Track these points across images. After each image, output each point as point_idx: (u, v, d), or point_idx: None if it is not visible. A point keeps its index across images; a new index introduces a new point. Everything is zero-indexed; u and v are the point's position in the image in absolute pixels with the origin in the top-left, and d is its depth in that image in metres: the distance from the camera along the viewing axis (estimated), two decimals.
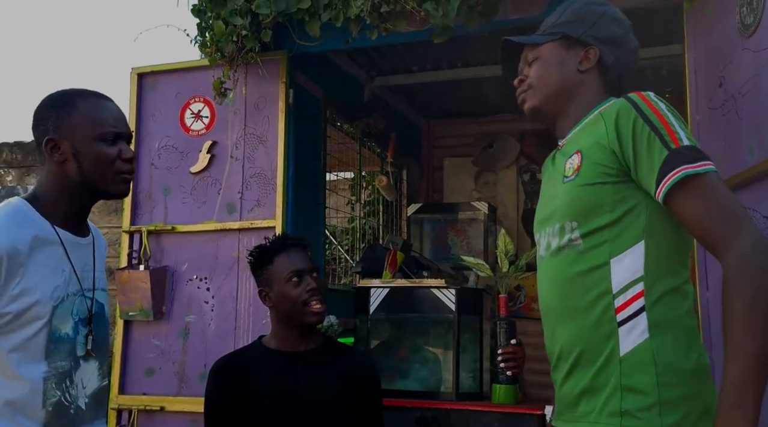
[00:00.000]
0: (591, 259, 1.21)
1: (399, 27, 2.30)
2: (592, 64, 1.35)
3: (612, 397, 1.17)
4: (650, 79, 3.62)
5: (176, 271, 2.80)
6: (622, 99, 1.25)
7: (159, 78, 2.96)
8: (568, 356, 1.25)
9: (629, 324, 1.18)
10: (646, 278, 1.19)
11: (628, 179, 1.21)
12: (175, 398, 2.70)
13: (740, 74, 1.95)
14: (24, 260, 1.32)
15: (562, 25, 1.38)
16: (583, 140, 1.29)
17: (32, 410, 1.32)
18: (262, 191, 2.73)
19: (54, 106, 1.43)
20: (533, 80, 1.37)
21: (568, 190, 1.26)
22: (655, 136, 1.17)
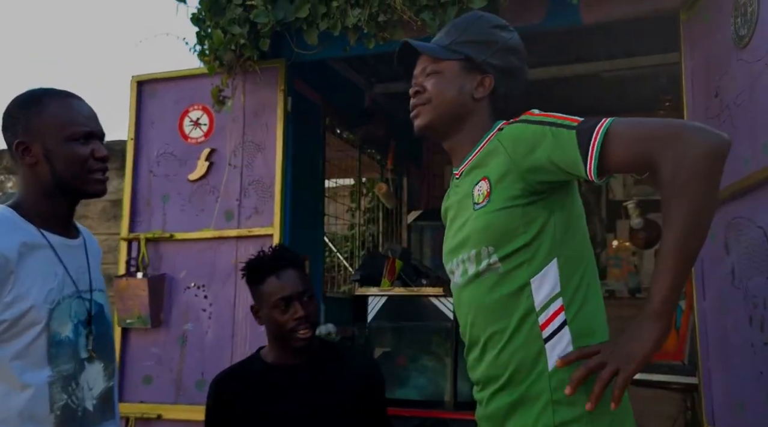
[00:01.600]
0: (512, 281, 1.24)
1: (396, 36, 2.30)
2: (486, 92, 1.36)
3: (544, 411, 1.19)
4: (649, 87, 3.63)
5: (174, 278, 2.80)
6: (514, 123, 1.29)
7: (158, 86, 2.97)
8: (498, 377, 1.25)
9: (554, 339, 1.21)
10: (564, 293, 1.23)
11: (535, 200, 1.24)
12: (172, 406, 2.70)
13: (735, 85, 1.95)
14: (13, 267, 1.30)
15: (467, 44, 1.36)
16: (488, 167, 1.30)
17: (41, 416, 1.31)
18: (260, 199, 2.74)
19: (23, 107, 1.41)
20: (431, 95, 1.36)
21: (481, 216, 1.27)
22: (557, 127, 1.20)
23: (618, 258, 4.25)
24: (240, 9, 2.37)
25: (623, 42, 3.26)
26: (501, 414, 1.25)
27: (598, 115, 1.20)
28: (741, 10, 1.94)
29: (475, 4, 2.11)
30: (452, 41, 1.36)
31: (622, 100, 3.97)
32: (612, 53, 3.42)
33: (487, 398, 1.28)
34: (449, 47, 1.36)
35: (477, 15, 1.43)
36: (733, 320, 1.95)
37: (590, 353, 1.17)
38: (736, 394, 1.95)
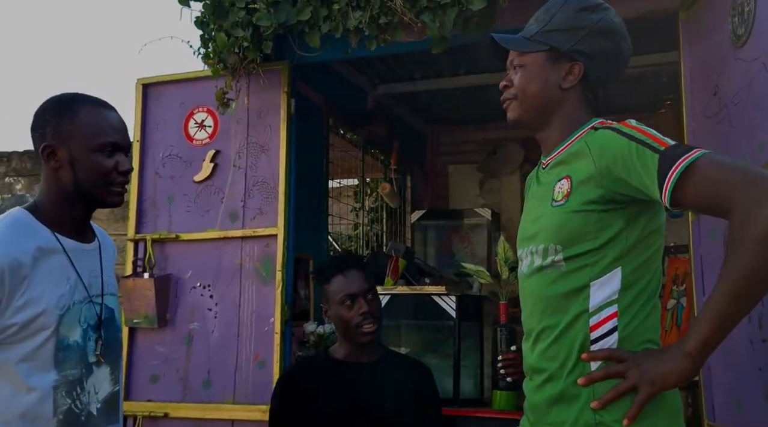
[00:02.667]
0: (572, 281, 1.27)
1: (397, 38, 2.33)
2: (575, 80, 1.34)
3: (585, 409, 1.23)
4: (650, 85, 3.63)
5: (180, 279, 2.84)
6: (603, 129, 1.28)
7: (163, 88, 3.00)
8: (544, 369, 1.30)
9: (601, 342, 1.25)
10: (621, 301, 1.25)
11: (612, 208, 1.25)
12: (179, 404, 2.73)
13: (733, 84, 1.97)
14: (27, 271, 1.33)
15: (552, 33, 1.34)
16: (572, 167, 1.31)
17: (43, 419, 1.33)
18: (264, 199, 2.77)
19: (55, 111, 1.42)
20: (517, 90, 1.37)
21: (556, 214, 1.30)
22: (642, 146, 1.20)
23: None
24: (243, 12, 2.41)
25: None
26: (544, 405, 1.29)
27: (688, 145, 1.22)
28: (738, 10, 1.96)
29: (474, 5, 2.13)
30: (539, 31, 1.35)
31: (623, 99, 3.97)
32: None
33: (535, 388, 1.32)
34: (534, 38, 1.35)
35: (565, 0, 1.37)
36: None
37: (618, 358, 1.20)
38: (735, 390, 1.97)
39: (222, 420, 2.66)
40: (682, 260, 2.89)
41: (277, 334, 2.64)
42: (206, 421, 2.69)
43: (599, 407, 1.20)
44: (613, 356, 1.21)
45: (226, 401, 2.68)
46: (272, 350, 2.64)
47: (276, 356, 2.62)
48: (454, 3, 2.17)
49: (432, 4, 2.18)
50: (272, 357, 2.63)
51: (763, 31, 1.80)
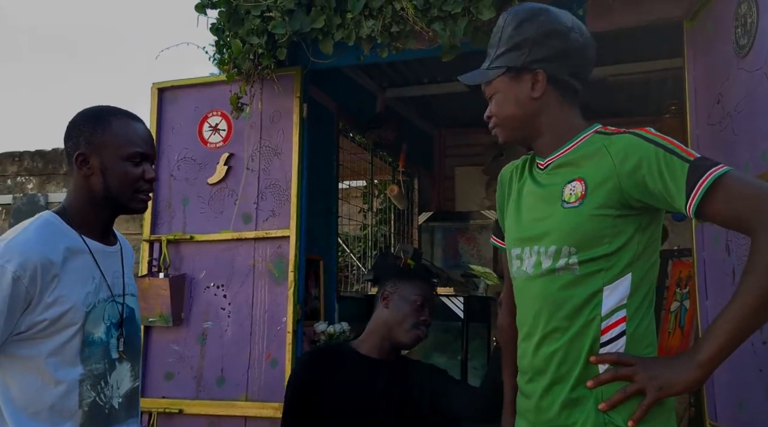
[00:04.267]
0: (586, 285, 1.28)
1: (409, 45, 2.39)
2: (543, 86, 1.36)
3: (594, 410, 1.26)
4: (656, 90, 3.69)
5: (194, 278, 2.90)
6: (627, 134, 1.30)
7: (178, 92, 3.07)
8: (550, 371, 1.31)
9: (610, 346, 1.28)
10: (629, 305, 1.29)
11: (627, 214, 1.28)
12: (193, 401, 2.80)
13: (736, 92, 2.02)
14: (58, 270, 1.40)
15: (503, 55, 1.38)
16: (585, 169, 1.32)
17: (70, 411, 1.41)
18: (276, 202, 2.83)
19: (89, 121, 1.51)
20: (497, 117, 1.41)
21: (570, 216, 1.30)
22: (671, 154, 1.23)
23: None
24: (258, 20, 2.47)
25: (630, 47, 3.33)
26: (554, 409, 1.30)
27: (710, 160, 1.23)
28: (741, 21, 2.01)
29: (484, 15, 2.19)
30: (493, 57, 1.40)
31: (629, 104, 4.03)
32: (619, 58, 3.49)
33: (541, 392, 1.33)
34: (492, 65, 1.39)
35: (504, 20, 1.41)
36: None
37: (627, 362, 1.24)
38: (736, 391, 2.02)
39: (235, 417, 2.73)
40: (685, 263, 2.94)
41: (289, 333, 2.70)
42: (220, 418, 2.75)
43: (607, 408, 1.23)
44: (621, 360, 1.24)
45: (239, 398, 2.74)
46: (284, 349, 2.70)
47: (288, 355, 2.69)
48: (464, 13, 2.23)
49: (443, 13, 2.24)
50: (284, 356, 2.70)
51: (765, 42, 1.85)
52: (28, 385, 1.38)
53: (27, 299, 1.36)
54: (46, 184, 6.45)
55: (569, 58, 1.37)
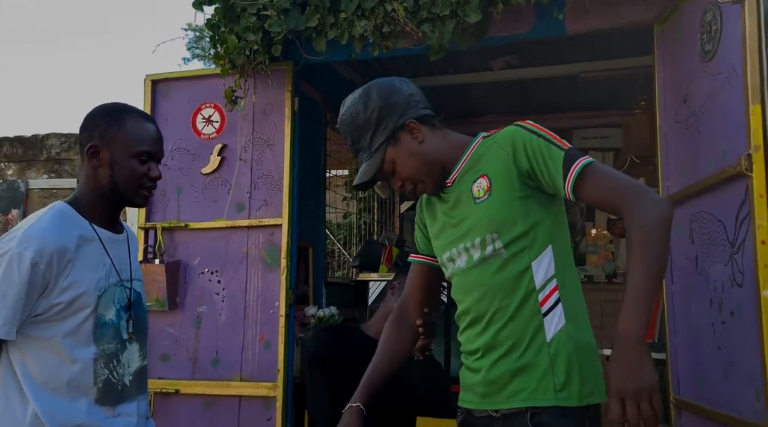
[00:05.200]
0: (516, 264, 1.43)
1: (399, 45, 2.53)
2: (420, 132, 1.52)
3: (545, 376, 1.40)
4: (627, 86, 3.87)
5: (189, 265, 3.01)
6: (510, 126, 1.49)
7: (172, 85, 3.16)
8: (499, 347, 1.44)
9: (550, 314, 1.42)
10: (558, 275, 1.44)
11: (530, 192, 1.45)
12: (189, 381, 2.92)
13: (700, 93, 2.19)
14: (72, 256, 1.50)
15: (375, 137, 1.52)
16: (485, 166, 1.48)
17: (85, 387, 1.52)
18: (269, 191, 2.95)
19: (104, 116, 1.60)
20: (410, 177, 1.54)
21: (484, 208, 1.46)
22: (548, 143, 1.42)
23: (596, 246, 4.52)
24: (254, 18, 2.57)
25: (602, 45, 3.50)
26: (505, 379, 1.43)
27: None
28: (707, 28, 2.18)
29: (471, 18, 2.33)
30: (368, 146, 1.53)
31: (601, 99, 4.21)
32: (592, 55, 3.66)
33: (489, 365, 1.46)
34: (372, 153, 1.53)
35: (346, 119, 1.55)
36: (696, 303, 2.20)
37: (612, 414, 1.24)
38: (698, 367, 2.21)
39: (230, 396, 2.86)
40: None
41: (282, 317, 2.83)
42: (215, 397, 2.88)
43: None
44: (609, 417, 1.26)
45: (234, 378, 2.87)
46: (277, 332, 2.83)
47: (281, 338, 2.82)
48: (452, 15, 2.36)
49: (432, 15, 2.37)
50: (277, 338, 2.83)
51: (727, 49, 2.02)
52: (46, 363, 1.49)
53: (43, 283, 1.46)
54: (26, 171, 6.43)
55: (413, 99, 1.54)
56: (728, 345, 1.97)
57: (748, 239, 1.85)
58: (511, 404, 1.42)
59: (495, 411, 1.45)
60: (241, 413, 2.83)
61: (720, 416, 1.96)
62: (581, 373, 1.40)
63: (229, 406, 2.85)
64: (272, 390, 2.79)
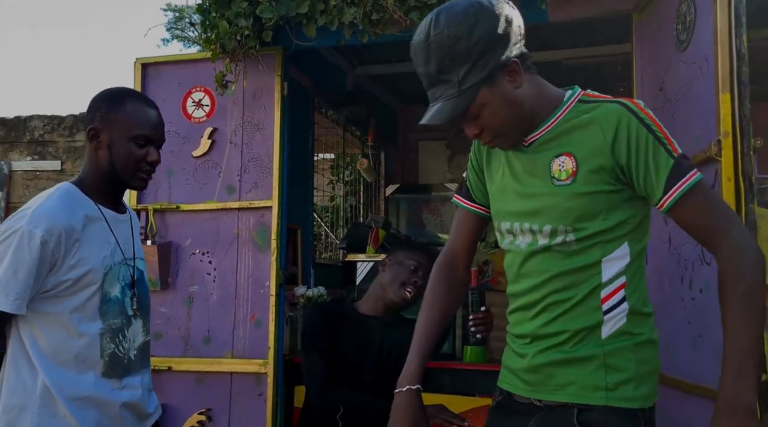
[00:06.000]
0: (585, 257, 1.29)
1: (387, 31, 2.60)
2: (521, 76, 1.31)
3: (597, 372, 1.28)
4: (606, 74, 3.98)
5: (180, 246, 3.08)
6: (617, 105, 1.27)
7: (162, 68, 3.20)
8: (551, 337, 1.32)
9: (612, 313, 1.30)
10: (627, 272, 1.31)
11: (621, 187, 1.27)
12: (181, 359, 3.00)
13: (675, 82, 2.29)
14: (79, 235, 1.57)
15: (471, 73, 1.26)
16: (574, 142, 1.29)
17: (92, 360, 1.59)
18: (259, 174, 3.01)
19: (106, 100, 1.67)
20: (495, 127, 1.33)
21: (562, 195, 1.29)
22: (659, 144, 1.23)
23: None
24: (246, 3, 2.63)
25: (583, 33, 3.59)
26: (552, 369, 1.32)
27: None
28: (682, 18, 2.27)
29: None
30: (460, 81, 1.27)
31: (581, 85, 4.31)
32: (573, 42, 3.76)
33: (536, 352, 1.34)
34: (462, 91, 1.27)
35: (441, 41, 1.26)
36: (669, 280, 2.31)
37: None
38: (668, 341, 2.32)
39: (221, 373, 2.94)
40: None
41: (273, 296, 2.92)
42: (207, 373, 2.96)
43: None
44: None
45: (225, 356, 2.96)
46: (268, 311, 2.91)
47: (271, 316, 2.91)
48: (439, 3, 2.43)
49: (419, 3, 2.45)
50: (268, 317, 2.91)
51: (701, 39, 2.11)
52: (55, 337, 1.56)
53: (52, 261, 1.53)
54: (9, 152, 6.42)
55: (516, 34, 1.30)
56: (697, 320, 2.09)
57: None
58: (557, 397, 1.32)
59: (538, 400, 1.35)
60: (233, 388, 2.92)
61: (688, 386, 2.08)
62: (638, 373, 1.29)
63: (221, 382, 2.93)
64: (263, 367, 2.88)
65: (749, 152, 1.88)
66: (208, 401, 2.94)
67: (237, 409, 2.91)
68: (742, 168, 1.86)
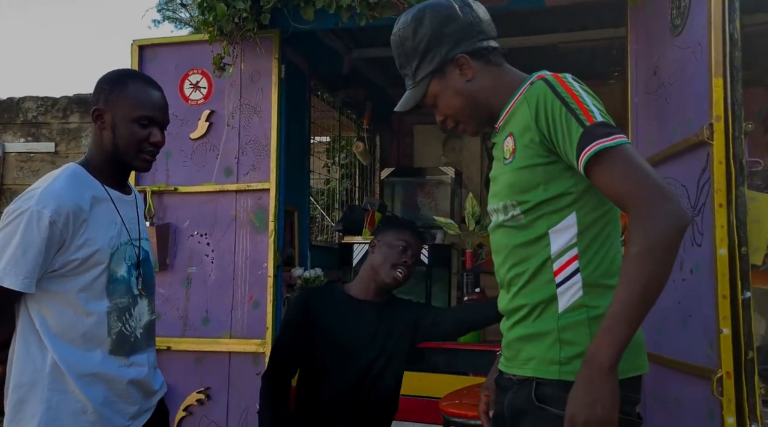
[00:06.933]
0: (532, 230, 1.35)
1: (385, 14, 2.61)
2: (471, 69, 1.40)
3: (552, 347, 1.32)
4: (601, 58, 4.01)
5: (178, 227, 3.10)
6: (540, 81, 1.33)
7: (158, 50, 3.20)
8: (516, 312, 1.40)
9: (565, 285, 1.32)
10: (579, 243, 1.33)
11: (555, 159, 1.32)
12: (180, 339, 3.04)
13: (669, 66, 2.32)
14: (86, 215, 1.59)
15: (420, 67, 1.41)
16: (513, 123, 1.38)
17: (100, 338, 1.62)
18: (257, 157, 3.03)
19: (110, 81, 1.68)
20: (452, 115, 1.45)
21: (507, 172, 1.38)
22: (570, 115, 1.27)
23: None
24: None
25: (579, 17, 3.61)
26: (519, 344, 1.39)
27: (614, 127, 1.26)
28: (676, 3, 2.29)
29: None
30: (413, 74, 1.44)
31: (577, 69, 4.32)
32: (569, 26, 3.78)
33: (508, 328, 1.43)
34: (417, 82, 1.43)
35: (397, 40, 1.45)
36: None
37: None
38: (657, 319, 2.36)
39: (220, 352, 2.99)
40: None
41: (270, 277, 2.95)
42: (205, 353, 3.00)
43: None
44: None
45: (224, 335, 3.00)
46: (266, 292, 2.95)
47: (269, 297, 2.94)
48: None
49: None
50: (265, 298, 2.95)
51: (695, 25, 2.14)
52: (63, 316, 1.58)
53: (60, 240, 1.55)
54: (2, 134, 6.38)
55: (471, 30, 1.40)
56: (687, 300, 2.14)
57: (707, 202, 1.98)
58: (522, 372, 1.37)
59: (513, 375, 1.41)
60: (231, 367, 2.97)
61: (677, 364, 2.14)
62: None
63: (220, 361, 2.98)
64: (261, 346, 2.92)
65: (741, 136, 1.92)
66: (206, 380, 2.99)
67: (235, 388, 2.95)
68: (733, 151, 1.90)
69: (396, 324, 2.22)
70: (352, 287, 2.27)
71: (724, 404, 1.81)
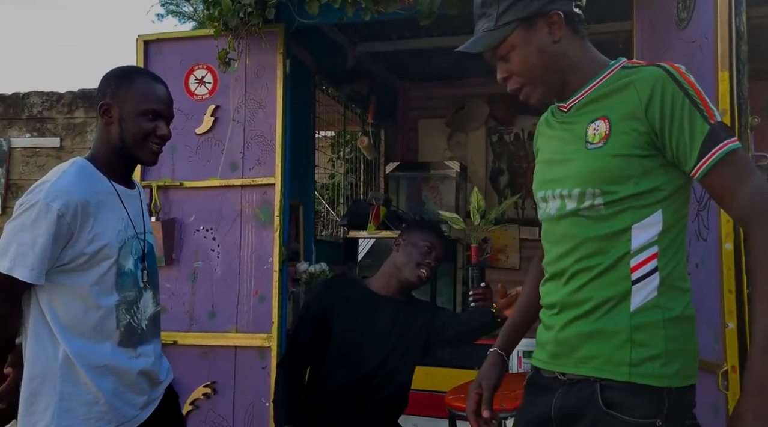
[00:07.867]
0: (614, 223, 1.26)
1: (389, 9, 2.61)
2: (561, 27, 1.30)
3: (622, 347, 1.24)
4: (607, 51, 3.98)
5: (184, 222, 3.11)
6: (656, 68, 1.24)
7: (164, 45, 3.21)
8: (577, 306, 1.29)
9: (642, 283, 1.25)
10: (660, 241, 1.25)
11: (654, 153, 1.23)
12: (186, 333, 3.05)
13: (675, 60, 2.27)
14: (94, 210, 1.61)
15: (510, 10, 1.30)
16: (610, 107, 1.26)
17: (109, 331, 1.65)
18: (262, 152, 3.04)
19: (116, 77, 1.71)
20: (522, 75, 1.33)
21: (594, 157, 1.26)
22: (695, 109, 1.18)
23: None
24: None
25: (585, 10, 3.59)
26: (577, 341, 1.29)
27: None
28: None
29: None
30: (498, 15, 1.31)
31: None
32: None
33: (563, 324, 1.32)
34: (498, 25, 1.31)
35: None
36: None
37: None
38: None
39: (226, 347, 3.00)
40: None
41: (276, 272, 2.96)
42: (211, 347, 3.02)
43: None
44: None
45: (230, 330, 3.01)
46: (271, 286, 2.96)
47: (275, 292, 2.95)
48: None
49: None
50: (271, 292, 2.96)
51: (701, 18, 2.13)
52: (74, 309, 1.61)
53: (69, 234, 1.57)
54: (8, 129, 6.41)
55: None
56: (693, 294, 2.14)
57: None
58: (580, 371, 1.28)
59: (562, 374, 1.32)
60: (237, 361, 2.98)
61: None
62: (667, 351, 1.23)
63: (226, 355, 2.99)
64: (267, 341, 2.94)
65: (746, 130, 1.92)
66: (213, 374, 3.00)
67: (241, 382, 2.97)
68: None
69: (411, 327, 2.23)
70: (373, 281, 2.29)
71: (729, 398, 1.82)
